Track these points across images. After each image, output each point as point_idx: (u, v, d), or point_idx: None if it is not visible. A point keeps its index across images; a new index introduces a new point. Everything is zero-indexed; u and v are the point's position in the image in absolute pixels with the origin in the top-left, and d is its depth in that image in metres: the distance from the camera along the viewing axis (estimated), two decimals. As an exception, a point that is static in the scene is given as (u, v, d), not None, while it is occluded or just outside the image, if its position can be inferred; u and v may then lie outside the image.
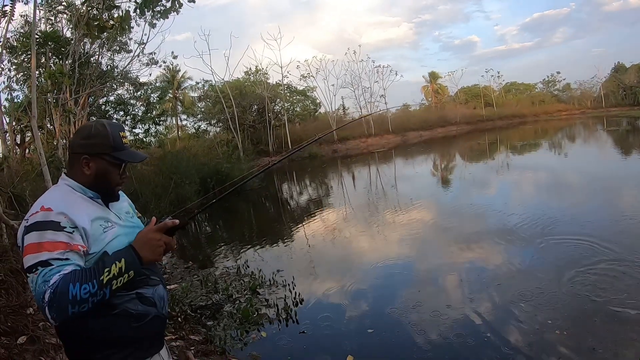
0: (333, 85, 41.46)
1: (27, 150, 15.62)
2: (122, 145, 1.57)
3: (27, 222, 1.39)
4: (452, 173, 17.29)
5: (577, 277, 4.95)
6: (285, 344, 4.27)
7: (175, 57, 17.20)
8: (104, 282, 1.33)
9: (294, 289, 5.53)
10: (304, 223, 10.33)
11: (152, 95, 25.43)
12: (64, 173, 1.58)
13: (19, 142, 15.34)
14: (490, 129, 43.81)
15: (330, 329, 4.55)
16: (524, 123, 48.39)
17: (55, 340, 3.36)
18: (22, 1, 9.29)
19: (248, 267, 6.77)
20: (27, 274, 1.34)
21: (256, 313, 4.92)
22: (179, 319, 4.80)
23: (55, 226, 1.36)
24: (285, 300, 5.23)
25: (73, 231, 1.38)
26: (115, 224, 1.55)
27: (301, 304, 5.14)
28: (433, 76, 57.49)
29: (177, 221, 1.54)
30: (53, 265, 1.31)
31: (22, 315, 3.48)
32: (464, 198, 11.01)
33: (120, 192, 1.71)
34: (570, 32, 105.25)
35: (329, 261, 7.11)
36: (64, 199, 1.46)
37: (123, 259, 1.39)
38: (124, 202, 1.74)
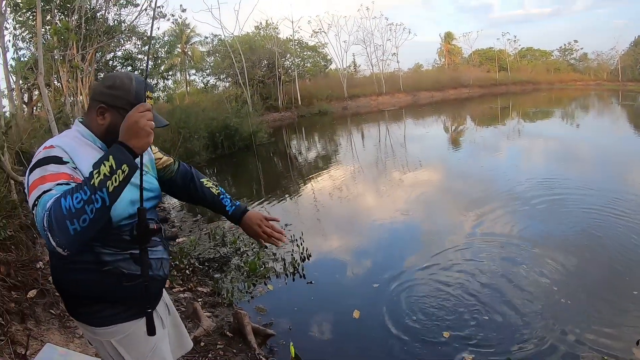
0: (345, 42, 40.59)
1: (34, 108, 15.57)
2: None
3: (31, 164, 1.32)
4: (463, 135, 16.99)
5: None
6: (292, 297, 4.32)
7: (184, 11, 17.03)
8: (96, 184, 1.20)
9: (302, 244, 5.54)
10: (312, 179, 10.31)
11: (160, 49, 25.07)
12: (78, 119, 1.49)
13: (26, 101, 15.27)
14: (503, 94, 42.42)
15: (337, 282, 4.61)
16: (537, 90, 46.70)
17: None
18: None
19: (256, 221, 6.77)
20: (33, 212, 1.24)
21: (263, 267, 4.96)
22: (187, 271, 4.87)
23: (58, 160, 1.30)
24: (292, 254, 5.26)
25: (75, 168, 1.32)
26: None
27: (308, 259, 5.17)
28: (448, 36, 55.56)
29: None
30: (52, 190, 1.23)
31: (32, 270, 3.51)
32: (474, 160, 10.89)
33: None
34: (592, 0, 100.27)
35: (336, 217, 7.12)
36: (70, 143, 1.39)
37: (111, 156, 1.25)
38: (145, 156, 1.50)
